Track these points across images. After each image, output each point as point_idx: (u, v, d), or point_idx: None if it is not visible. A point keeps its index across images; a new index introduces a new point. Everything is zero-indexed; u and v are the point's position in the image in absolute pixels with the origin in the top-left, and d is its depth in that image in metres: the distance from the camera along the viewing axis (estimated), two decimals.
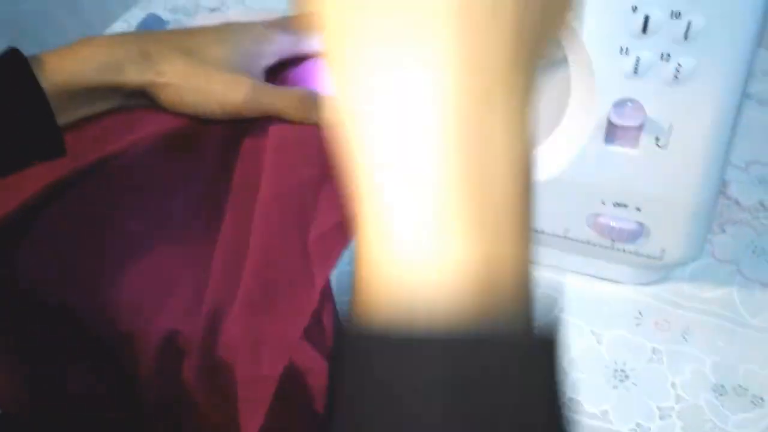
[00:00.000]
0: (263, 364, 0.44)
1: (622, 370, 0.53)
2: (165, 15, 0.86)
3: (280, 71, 0.59)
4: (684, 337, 0.55)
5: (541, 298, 0.55)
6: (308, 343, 0.45)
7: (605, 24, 0.46)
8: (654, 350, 0.54)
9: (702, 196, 0.50)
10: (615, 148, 0.50)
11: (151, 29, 0.82)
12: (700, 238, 0.54)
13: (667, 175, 0.50)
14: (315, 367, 0.45)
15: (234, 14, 0.86)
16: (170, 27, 0.83)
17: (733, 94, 0.47)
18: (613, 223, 0.53)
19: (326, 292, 0.46)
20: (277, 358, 0.44)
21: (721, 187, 0.63)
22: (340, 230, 0.46)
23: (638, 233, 0.53)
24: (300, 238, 0.47)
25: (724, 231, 0.61)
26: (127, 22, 0.86)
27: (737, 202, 0.64)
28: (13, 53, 0.47)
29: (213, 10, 0.88)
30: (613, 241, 0.54)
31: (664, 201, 0.51)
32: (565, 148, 0.52)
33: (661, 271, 0.57)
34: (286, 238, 0.47)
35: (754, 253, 0.60)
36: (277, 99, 0.52)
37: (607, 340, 0.55)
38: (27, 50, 0.49)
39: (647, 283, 0.58)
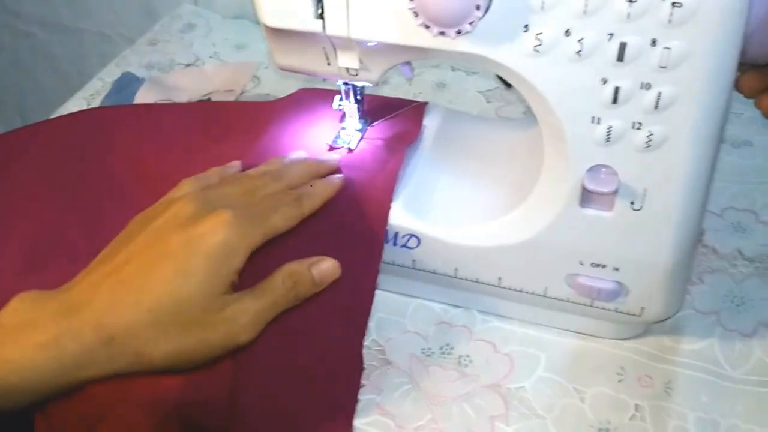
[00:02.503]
0: None
1: (606, 429, 0.53)
2: (140, 72, 0.87)
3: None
4: (667, 392, 0.55)
5: (523, 356, 0.56)
6: None
7: (576, 94, 0.46)
8: (637, 407, 0.54)
9: (679, 255, 0.51)
10: (590, 211, 0.50)
11: (127, 88, 0.81)
12: (679, 294, 0.54)
13: (644, 236, 0.50)
14: None
15: (209, 68, 0.87)
16: (146, 84, 0.83)
17: (706, 157, 0.47)
18: (592, 283, 0.53)
19: None
20: None
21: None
22: None
23: (617, 292, 0.53)
24: None
25: (702, 281, 0.62)
26: (102, 80, 0.86)
27: (714, 250, 0.64)
28: None
29: (188, 65, 0.88)
30: (592, 299, 0.54)
31: (642, 261, 0.51)
32: (540, 211, 0.52)
33: (641, 325, 0.57)
34: None
35: (733, 303, 0.60)
36: (266, 299, 0.49)
37: (590, 397, 0.55)
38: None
39: (628, 338, 0.58)
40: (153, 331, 0.45)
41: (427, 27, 0.44)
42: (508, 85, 0.54)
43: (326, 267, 0.52)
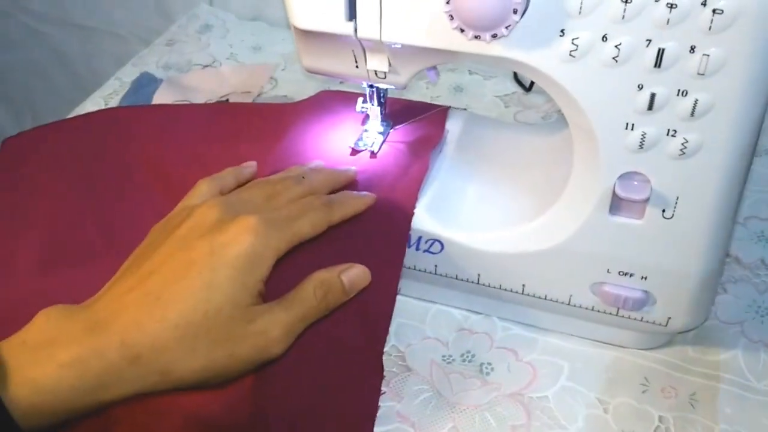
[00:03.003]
0: None
1: None
2: (157, 72, 0.86)
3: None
4: (691, 404, 0.54)
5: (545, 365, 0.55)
6: None
7: (610, 100, 0.46)
8: (661, 419, 0.53)
9: (709, 265, 0.50)
10: (620, 219, 0.50)
11: (145, 88, 0.81)
12: (706, 305, 0.54)
13: (674, 245, 0.50)
14: None
15: (226, 70, 0.86)
16: (163, 84, 0.82)
17: (740, 167, 0.47)
18: (618, 292, 0.52)
19: None
20: None
21: None
22: None
23: (644, 301, 0.52)
24: None
25: (725, 291, 0.61)
26: (119, 80, 0.85)
27: (737, 260, 0.64)
28: None
29: (205, 66, 0.88)
30: (618, 308, 0.53)
31: (670, 270, 0.51)
32: (568, 217, 0.52)
33: (666, 335, 0.57)
34: None
35: (758, 313, 0.59)
36: (297, 310, 0.48)
37: (613, 408, 0.54)
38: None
39: (652, 348, 0.57)
40: (180, 348, 0.44)
41: (462, 30, 0.44)
42: (527, 89, 0.54)
43: (356, 274, 0.50)
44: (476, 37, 0.44)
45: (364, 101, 0.60)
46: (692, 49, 0.42)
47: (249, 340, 0.45)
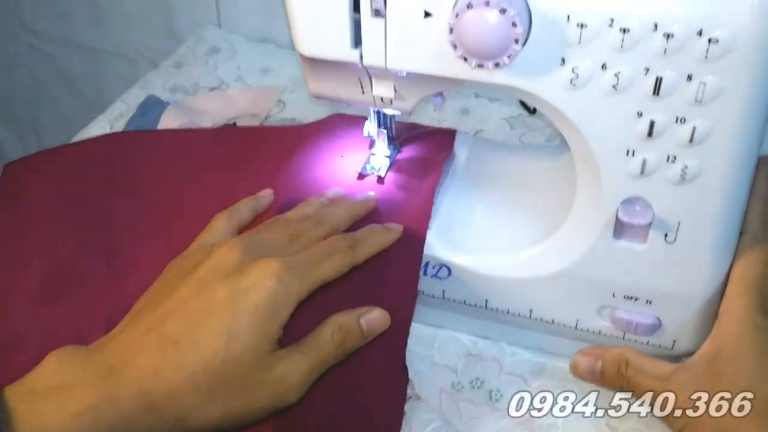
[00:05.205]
0: None
1: None
2: (164, 95, 0.87)
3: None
4: None
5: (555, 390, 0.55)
6: None
7: (611, 127, 0.46)
8: None
9: (712, 287, 0.50)
10: (624, 244, 0.50)
11: (152, 111, 0.82)
12: (711, 326, 0.54)
13: (677, 269, 0.50)
14: None
15: (234, 92, 0.87)
16: (170, 107, 0.83)
17: (740, 191, 0.47)
18: (629, 317, 0.53)
19: None
20: None
21: None
22: None
23: (655, 327, 0.53)
24: None
25: None
26: (125, 103, 0.86)
27: None
28: None
29: (213, 88, 0.89)
30: (627, 333, 0.54)
31: (675, 294, 0.51)
32: (573, 242, 0.52)
33: (672, 358, 0.57)
34: None
35: None
36: (315, 356, 0.47)
37: None
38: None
39: None
40: (197, 396, 0.42)
41: (466, 59, 0.45)
42: (532, 112, 0.54)
43: (376, 318, 0.49)
44: (479, 66, 0.45)
45: (371, 125, 0.61)
46: (689, 77, 0.43)
47: (266, 388, 0.44)
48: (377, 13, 0.47)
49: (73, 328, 0.55)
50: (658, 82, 0.44)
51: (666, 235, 0.49)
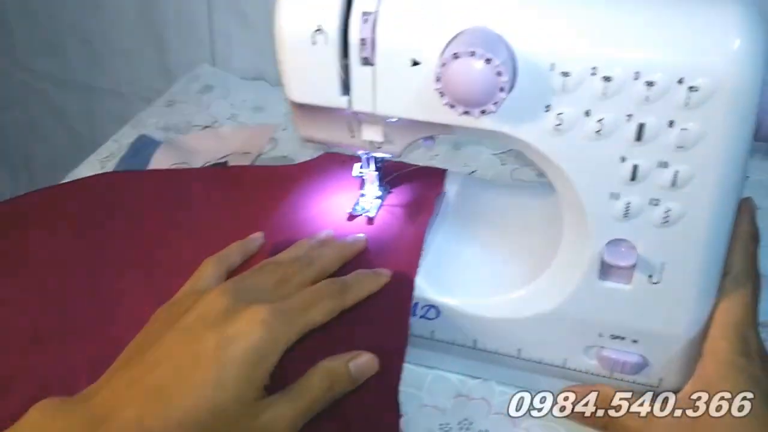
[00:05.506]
0: None
1: None
2: (156, 133, 0.88)
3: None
4: None
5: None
6: None
7: (595, 171, 0.47)
8: None
9: (697, 327, 0.51)
10: (609, 284, 0.51)
11: (143, 151, 0.82)
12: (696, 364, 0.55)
13: (662, 309, 0.51)
14: None
15: (226, 130, 0.88)
16: (162, 146, 0.84)
17: (722, 233, 0.48)
18: (617, 356, 0.53)
19: None
20: None
21: None
22: None
23: (642, 365, 0.53)
24: None
25: None
26: (117, 142, 0.87)
27: None
28: None
29: (205, 126, 0.89)
30: (614, 372, 0.54)
31: (660, 333, 0.52)
32: (560, 282, 0.53)
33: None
34: None
35: None
36: (302, 402, 0.47)
37: None
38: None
39: None
40: None
41: (452, 106, 0.46)
42: None
43: (364, 362, 0.49)
44: (466, 113, 0.46)
45: (361, 166, 0.62)
46: (671, 123, 0.44)
47: None
48: (366, 61, 0.48)
49: (62, 375, 0.54)
50: (641, 128, 0.45)
51: (650, 276, 0.50)
